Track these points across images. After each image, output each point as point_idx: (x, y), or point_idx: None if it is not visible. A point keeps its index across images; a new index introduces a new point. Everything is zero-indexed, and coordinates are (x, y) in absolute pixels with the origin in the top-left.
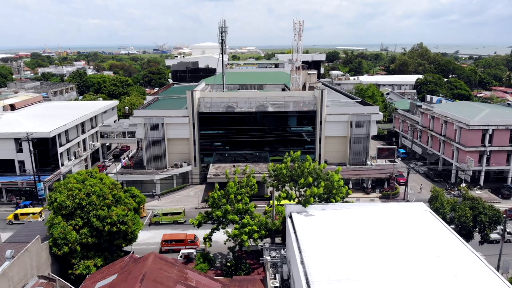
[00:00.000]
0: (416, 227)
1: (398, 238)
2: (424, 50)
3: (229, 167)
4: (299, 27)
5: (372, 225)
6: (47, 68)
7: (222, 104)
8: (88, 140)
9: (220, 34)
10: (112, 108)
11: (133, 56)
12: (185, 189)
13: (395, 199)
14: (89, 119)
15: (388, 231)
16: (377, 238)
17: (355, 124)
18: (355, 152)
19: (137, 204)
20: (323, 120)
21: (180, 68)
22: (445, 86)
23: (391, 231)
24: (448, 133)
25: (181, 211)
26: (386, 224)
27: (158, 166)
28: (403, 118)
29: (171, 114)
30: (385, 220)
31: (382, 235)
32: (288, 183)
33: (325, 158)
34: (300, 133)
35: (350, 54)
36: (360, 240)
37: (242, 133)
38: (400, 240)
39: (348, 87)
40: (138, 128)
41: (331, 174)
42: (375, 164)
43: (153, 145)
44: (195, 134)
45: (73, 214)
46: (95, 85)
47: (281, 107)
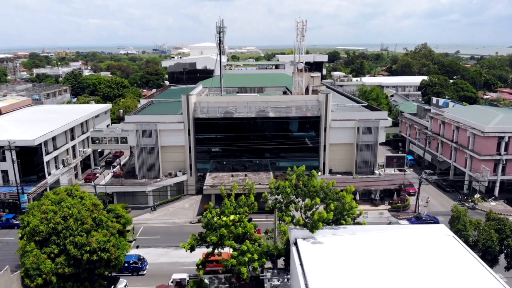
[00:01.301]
0: (439, 256)
1: (419, 270)
2: (428, 51)
3: (227, 177)
4: (301, 27)
5: (390, 254)
6: (43, 69)
7: (220, 109)
8: (78, 146)
9: (217, 34)
10: (105, 112)
11: (132, 56)
12: (180, 200)
13: (406, 212)
14: (79, 124)
15: (407, 262)
16: (395, 271)
17: (362, 131)
18: (362, 160)
19: (122, 226)
20: (328, 126)
21: (177, 70)
22: (451, 88)
23: (411, 262)
24: (461, 140)
25: None
26: (405, 254)
27: (151, 176)
28: (411, 122)
29: (165, 120)
30: (404, 248)
31: (401, 267)
32: (293, 203)
33: (330, 166)
34: (303, 140)
35: (351, 55)
36: (376, 273)
37: (241, 140)
38: (422, 273)
39: (351, 89)
40: (129, 135)
41: (342, 195)
42: (384, 174)
43: (146, 153)
44: (190, 141)
45: (48, 240)
46: (91, 87)
47: (283, 112)
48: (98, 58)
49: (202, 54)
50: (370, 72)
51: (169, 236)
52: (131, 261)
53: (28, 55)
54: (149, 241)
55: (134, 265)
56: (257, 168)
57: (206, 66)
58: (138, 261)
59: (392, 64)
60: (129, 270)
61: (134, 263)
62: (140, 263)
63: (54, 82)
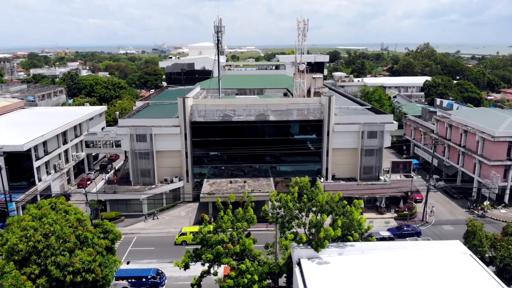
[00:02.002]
0: (456, 278)
1: None
2: (430, 51)
3: (225, 183)
4: (303, 26)
5: (402, 277)
6: (39, 69)
7: (218, 112)
8: (71, 150)
9: (215, 34)
10: (100, 114)
11: (131, 56)
12: (176, 208)
13: (413, 220)
14: (72, 128)
15: (421, 285)
16: None
17: (367, 135)
18: (367, 165)
19: (111, 242)
20: (331, 130)
21: (175, 70)
22: (455, 89)
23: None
24: (469, 144)
25: None
26: (418, 276)
27: (145, 182)
28: (415, 125)
29: (161, 124)
30: (417, 269)
31: None
32: (296, 219)
33: (333, 172)
34: (304, 145)
35: (353, 54)
36: None
37: (240, 145)
38: None
39: (353, 89)
40: (123, 139)
41: (350, 211)
42: (389, 180)
43: (140, 158)
44: (187, 146)
45: (28, 260)
46: (87, 88)
47: (284, 116)
48: (97, 58)
49: (201, 54)
50: (371, 72)
51: (164, 247)
52: (149, 276)
53: (27, 55)
54: (142, 253)
55: (152, 280)
56: (257, 173)
57: (205, 67)
58: (157, 275)
59: (394, 64)
60: (147, 286)
61: (152, 278)
62: (159, 277)
63: (50, 82)
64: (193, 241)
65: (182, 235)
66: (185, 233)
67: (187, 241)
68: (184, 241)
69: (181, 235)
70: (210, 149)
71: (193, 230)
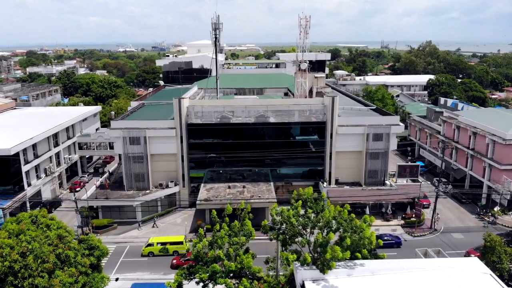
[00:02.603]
0: None
1: None
2: (432, 48)
3: (223, 188)
4: (305, 23)
5: None
6: (36, 68)
7: (216, 113)
8: (63, 153)
9: (213, 31)
10: (94, 115)
11: (130, 54)
12: (172, 214)
13: (420, 228)
14: (64, 129)
15: None
16: None
17: (372, 137)
18: (372, 169)
19: (97, 259)
20: (334, 132)
21: (172, 69)
22: (459, 87)
23: None
24: (478, 147)
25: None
26: None
27: (139, 187)
28: (421, 126)
29: (155, 126)
30: None
31: None
32: (300, 236)
33: (336, 176)
34: (306, 148)
35: (354, 52)
36: None
37: (239, 147)
38: None
39: (354, 88)
40: (116, 142)
41: (360, 227)
42: (395, 184)
43: (134, 162)
44: (183, 149)
45: (4, 281)
46: (84, 86)
47: (285, 117)
48: (95, 56)
49: (199, 52)
50: (372, 70)
51: (158, 258)
52: None
53: (25, 53)
54: (134, 265)
55: None
56: (257, 177)
57: (203, 65)
58: None
59: (396, 62)
60: None
61: None
62: None
63: (46, 81)
64: (160, 253)
65: (149, 246)
66: (152, 244)
67: (154, 252)
68: (151, 252)
69: (148, 246)
70: (207, 152)
71: (161, 240)
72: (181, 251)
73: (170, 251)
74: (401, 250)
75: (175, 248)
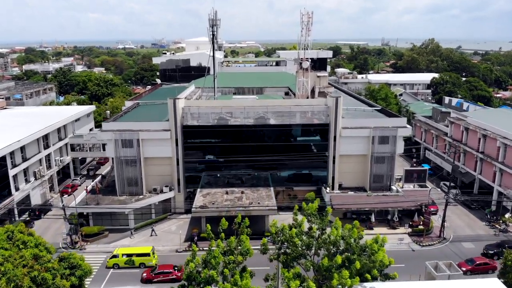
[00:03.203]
0: None
1: None
2: (435, 46)
3: (220, 194)
4: (307, 20)
5: None
6: (32, 65)
7: (213, 115)
8: (54, 155)
9: (210, 28)
10: (88, 115)
11: (129, 51)
12: (166, 221)
13: (429, 237)
14: (56, 130)
15: None
16: None
17: (378, 140)
18: (377, 174)
19: (78, 279)
20: (338, 135)
21: (169, 67)
22: (464, 86)
23: None
24: (488, 150)
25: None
26: None
27: (132, 192)
28: (426, 127)
29: (149, 128)
30: None
31: None
32: (304, 258)
33: (340, 181)
34: (308, 151)
35: (356, 50)
36: None
37: (238, 150)
38: None
39: (356, 87)
40: (108, 145)
41: (372, 249)
42: (402, 190)
43: (127, 166)
44: (178, 152)
45: None
46: (80, 84)
47: (286, 119)
48: (94, 53)
49: (198, 49)
50: (373, 68)
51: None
52: None
53: (24, 50)
54: (125, 277)
55: None
56: (256, 182)
57: (201, 63)
58: None
59: (398, 60)
60: None
61: None
62: None
63: (42, 79)
64: (126, 265)
65: (114, 258)
66: (117, 255)
67: (119, 264)
68: (116, 264)
69: (113, 257)
70: (204, 155)
71: (127, 252)
72: (148, 263)
73: (137, 263)
74: (409, 262)
75: (142, 260)
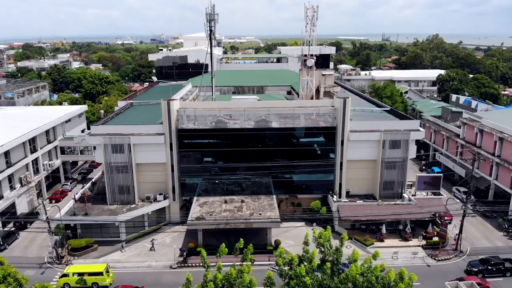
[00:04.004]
0: None
1: None
2: (439, 42)
3: (219, 203)
4: (312, 14)
5: None
6: (27, 62)
7: (210, 117)
8: (42, 159)
9: (207, 22)
10: (79, 115)
11: (128, 46)
12: (161, 232)
13: (444, 250)
14: (44, 132)
15: None
16: None
17: (389, 145)
18: (388, 181)
19: None
20: (346, 138)
21: (166, 64)
22: (471, 83)
23: None
24: (505, 154)
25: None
26: None
27: (124, 200)
28: (436, 127)
29: (141, 131)
30: None
31: None
32: None
33: (347, 188)
34: (313, 156)
35: (358, 46)
36: None
37: (237, 155)
38: None
39: (360, 84)
40: (97, 150)
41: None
42: (415, 198)
43: (117, 173)
44: (173, 157)
45: None
46: (75, 82)
47: (289, 122)
48: (93, 48)
49: (196, 45)
50: (375, 64)
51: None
52: None
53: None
54: None
55: None
56: (257, 189)
57: (199, 60)
58: None
59: (400, 56)
60: None
61: None
62: None
63: (36, 76)
64: (77, 284)
65: (64, 277)
66: (68, 274)
67: (70, 284)
68: (66, 284)
69: (63, 276)
70: (201, 160)
71: (78, 270)
72: (101, 283)
73: (89, 282)
74: (426, 280)
75: (95, 279)
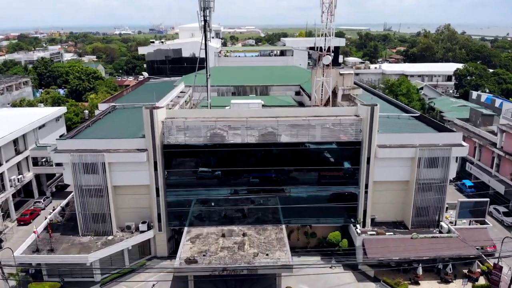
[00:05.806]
0: None
1: None
2: (451, 33)
3: (215, 237)
4: (329, 2)
5: None
6: (16, 54)
7: (204, 129)
8: (9, 174)
9: (201, 11)
10: (57, 119)
11: (126, 37)
12: (143, 272)
13: None
14: (11, 142)
15: None
16: None
17: (425, 163)
18: (422, 206)
19: None
20: (373, 155)
21: (158, 58)
22: (491, 79)
23: None
24: None
25: None
26: None
27: (99, 230)
28: (466, 133)
29: (119, 147)
30: None
31: None
32: None
33: (372, 214)
34: (332, 175)
35: (364, 36)
36: None
37: (237, 176)
38: None
39: (369, 78)
40: (65, 170)
41: None
42: (455, 228)
43: (90, 197)
44: (158, 178)
45: None
46: (63, 76)
47: (302, 135)
48: (89, 39)
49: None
50: (381, 55)
51: None
52: None
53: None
54: None
55: None
56: (262, 216)
57: (195, 54)
58: None
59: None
60: None
61: None
62: None
63: (23, 70)
64: None
65: None
66: None
67: None
68: None
69: None
70: (192, 182)
71: None
72: None
73: None
74: None
75: None
